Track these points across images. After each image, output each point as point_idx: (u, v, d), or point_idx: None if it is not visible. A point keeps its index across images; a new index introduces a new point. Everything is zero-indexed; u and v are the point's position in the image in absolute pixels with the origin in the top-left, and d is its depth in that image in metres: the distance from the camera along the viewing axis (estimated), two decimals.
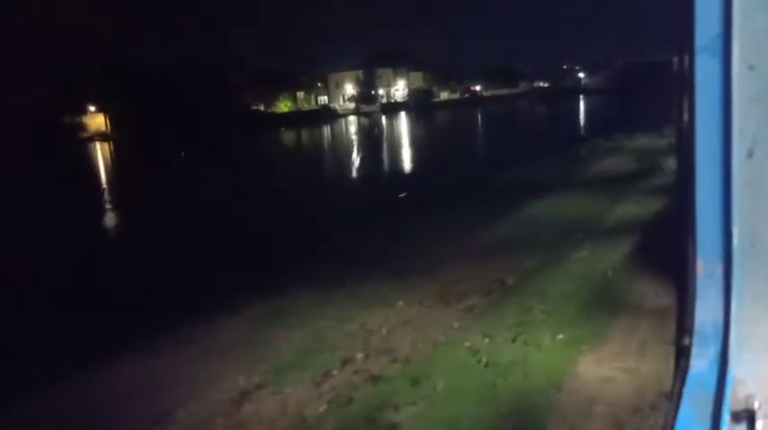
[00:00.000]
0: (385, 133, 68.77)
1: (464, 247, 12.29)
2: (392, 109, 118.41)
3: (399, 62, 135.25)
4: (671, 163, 19.82)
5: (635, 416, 5.23)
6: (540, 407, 5.64)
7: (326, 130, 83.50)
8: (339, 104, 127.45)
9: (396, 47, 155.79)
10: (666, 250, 1.64)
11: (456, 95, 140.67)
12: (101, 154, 68.47)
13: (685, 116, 1.12)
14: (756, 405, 1.08)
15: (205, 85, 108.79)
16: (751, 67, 1.05)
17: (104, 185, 36.16)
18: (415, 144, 47.83)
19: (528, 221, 14.26)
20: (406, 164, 34.05)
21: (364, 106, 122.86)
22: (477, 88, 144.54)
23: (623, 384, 5.85)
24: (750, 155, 1.07)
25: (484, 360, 6.73)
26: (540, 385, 6.02)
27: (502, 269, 10.30)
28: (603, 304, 8.10)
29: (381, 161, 35.71)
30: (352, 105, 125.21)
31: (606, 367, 6.24)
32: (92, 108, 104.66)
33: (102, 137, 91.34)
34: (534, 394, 5.86)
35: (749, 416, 1.07)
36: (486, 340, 7.32)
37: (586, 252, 10.81)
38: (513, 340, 7.20)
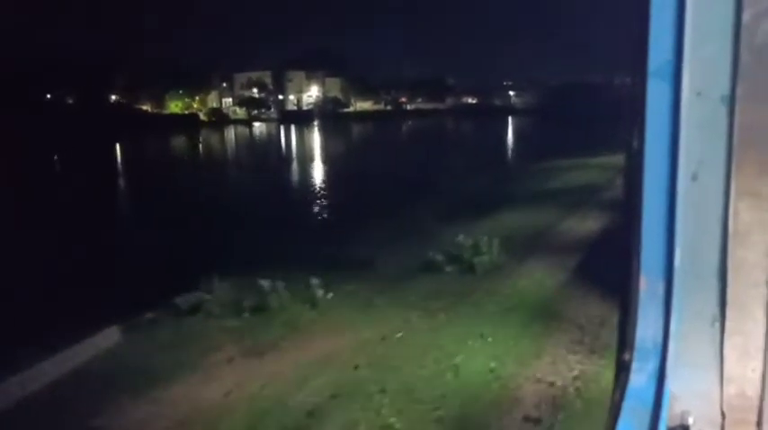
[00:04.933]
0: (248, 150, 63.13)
1: None
2: (294, 117, 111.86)
3: (316, 65, 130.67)
4: None
5: None
6: None
7: (189, 140, 79.19)
8: (239, 109, 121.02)
9: (319, 48, 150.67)
10: None
11: (380, 106, 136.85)
12: None
13: (635, 137, 1.23)
14: (691, 420, 1.21)
15: (74, 82, 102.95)
16: (698, 94, 1.18)
17: None
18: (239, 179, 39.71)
19: None
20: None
21: (258, 112, 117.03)
22: (403, 100, 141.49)
23: None
24: (695, 178, 1.20)
25: None
26: None
27: None
28: None
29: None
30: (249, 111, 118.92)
31: None
32: None
33: None
34: None
35: None
36: None
37: None
38: None
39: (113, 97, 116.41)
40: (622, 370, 1.25)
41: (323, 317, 10.73)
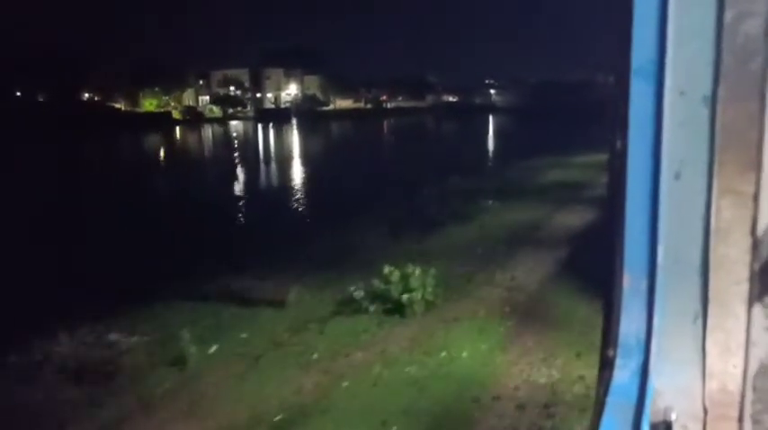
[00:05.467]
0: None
1: None
2: (272, 116, 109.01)
3: (295, 63, 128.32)
4: None
5: None
6: None
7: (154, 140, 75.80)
8: (215, 107, 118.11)
9: (298, 45, 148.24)
10: None
11: (360, 104, 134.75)
12: None
13: (618, 137, 1.20)
14: (674, 416, 1.18)
15: (46, 80, 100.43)
16: (682, 93, 1.15)
17: None
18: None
19: None
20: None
21: (235, 111, 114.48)
22: (384, 98, 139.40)
23: None
24: (677, 176, 1.18)
25: None
26: None
27: None
28: None
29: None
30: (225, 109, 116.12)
31: None
32: None
33: None
34: None
35: (667, 427, 1.17)
36: None
37: None
38: None
39: (86, 95, 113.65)
40: (606, 366, 1.24)
41: (190, 384, 8.18)
